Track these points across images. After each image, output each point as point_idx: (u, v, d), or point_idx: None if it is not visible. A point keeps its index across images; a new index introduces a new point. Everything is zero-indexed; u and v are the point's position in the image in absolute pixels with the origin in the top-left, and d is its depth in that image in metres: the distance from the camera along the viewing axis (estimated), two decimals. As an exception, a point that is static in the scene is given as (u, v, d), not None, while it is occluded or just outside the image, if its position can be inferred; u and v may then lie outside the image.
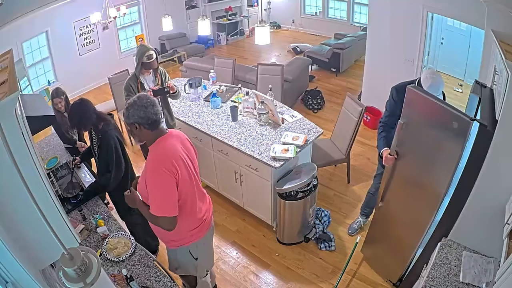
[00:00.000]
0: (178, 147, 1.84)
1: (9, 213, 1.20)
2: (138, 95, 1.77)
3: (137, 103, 1.72)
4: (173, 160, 1.74)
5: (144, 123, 1.73)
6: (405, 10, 4.09)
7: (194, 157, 2.00)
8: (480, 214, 1.93)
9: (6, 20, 3.55)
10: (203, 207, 2.06)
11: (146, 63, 3.05)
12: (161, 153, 1.78)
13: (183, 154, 1.84)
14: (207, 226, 2.11)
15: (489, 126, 1.78)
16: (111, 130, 2.43)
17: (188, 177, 1.85)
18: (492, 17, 2.46)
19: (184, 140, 1.96)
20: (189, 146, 1.97)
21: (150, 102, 1.74)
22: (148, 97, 1.76)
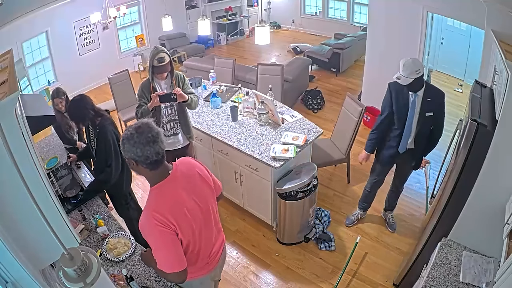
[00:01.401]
0: (181, 195, 1.57)
1: (9, 213, 1.20)
2: (138, 126, 1.43)
3: (134, 138, 1.40)
4: (169, 216, 1.48)
5: (141, 162, 1.45)
6: (405, 10, 4.09)
7: (207, 194, 1.71)
8: (480, 214, 1.93)
9: (6, 20, 3.55)
10: (213, 246, 1.82)
11: (156, 67, 2.65)
12: (155, 203, 1.51)
13: (185, 202, 1.58)
14: (212, 265, 1.85)
15: (489, 126, 1.78)
16: (108, 125, 2.47)
17: (191, 225, 1.60)
18: (492, 17, 2.47)
19: (192, 176, 1.66)
20: (198, 183, 1.68)
21: (151, 139, 1.42)
22: (150, 130, 1.43)
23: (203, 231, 1.69)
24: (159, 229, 1.46)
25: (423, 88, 2.56)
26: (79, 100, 2.46)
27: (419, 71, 2.44)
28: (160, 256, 1.54)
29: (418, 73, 2.44)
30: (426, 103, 2.59)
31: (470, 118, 1.84)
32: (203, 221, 1.68)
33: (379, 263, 2.99)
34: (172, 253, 1.52)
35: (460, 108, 5.14)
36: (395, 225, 3.34)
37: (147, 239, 1.53)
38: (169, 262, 1.53)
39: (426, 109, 2.60)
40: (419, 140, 2.80)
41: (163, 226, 1.47)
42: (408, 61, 2.48)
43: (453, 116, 4.98)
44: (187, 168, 1.66)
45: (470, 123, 1.83)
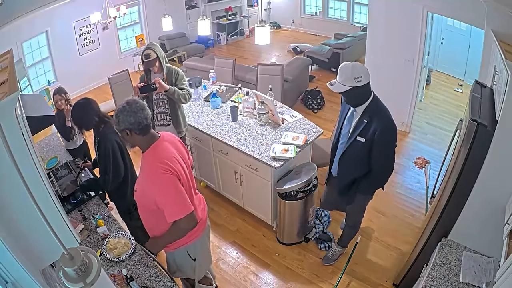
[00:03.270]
0: (172, 150, 1.84)
1: (9, 213, 1.20)
2: (127, 101, 1.74)
3: (126, 109, 1.70)
4: (168, 162, 1.74)
5: (134, 129, 1.72)
6: (405, 10, 4.09)
7: (187, 158, 2.00)
8: (480, 214, 1.94)
9: (6, 20, 3.55)
10: (198, 207, 2.04)
11: (144, 62, 2.89)
12: (156, 158, 1.76)
13: (177, 156, 1.84)
14: (203, 225, 2.10)
15: (489, 126, 1.78)
16: (110, 133, 2.39)
17: (184, 177, 1.85)
18: (492, 17, 2.47)
19: (176, 142, 1.96)
20: (181, 149, 1.98)
21: (140, 107, 1.72)
22: (137, 102, 1.74)
23: (191, 185, 1.96)
24: (167, 176, 1.70)
25: (365, 104, 2.11)
26: (84, 105, 2.39)
27: (360, 80, 1.99)
28: (172, 202, 1.72)
29: (358, 81, 1.99)
30: (361, 125, 2.13)
31: (470, 118, 1.84)
32: (187, 180, 1.90)
33: (379, 263, 2.99)
34: (180, 197, 1.73)
35: (460, 108, 5.15)
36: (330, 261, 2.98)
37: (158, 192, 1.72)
38: (181, 204, 1.73)
39: (358, 131, 2.15)
40: (343, 169, 2.38)
41: (169, 172, 1.71)
42: (347, 64, 2.04)
43: (453, 116, 5.00)
44: (170, 136, 1.96)
45: (470, 123, 1.83)
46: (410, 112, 4.66)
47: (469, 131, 1.84)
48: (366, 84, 2.02)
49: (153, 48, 2.85)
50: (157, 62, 2.88)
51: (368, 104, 2.11)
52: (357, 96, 2.08)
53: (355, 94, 2.05)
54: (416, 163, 4.20)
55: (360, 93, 2.04)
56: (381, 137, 2.08)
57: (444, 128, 4.81)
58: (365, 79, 2.01)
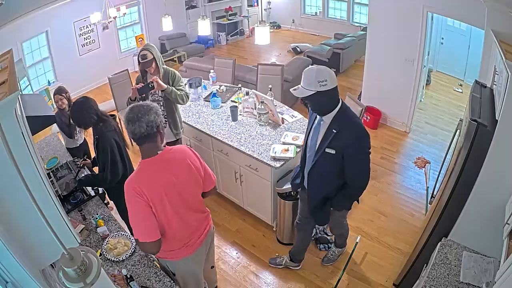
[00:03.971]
0: (161, 174, 1.67)
1: (9, 213, 1.20)
2: (131, 107, 1.64)
3: (127, 117, 1.62)
4: (143, 187, 1.61)
5: (134, 139, 1.64)
6: (405, 10, 4.09)
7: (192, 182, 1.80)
8: (480, 214, 1.94)
9: (6, 20, 3.54)
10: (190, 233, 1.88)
11: (140, 63, 2.87)
12: (136, 177, 1.67)
13: (165, 181, 1.68)
14: (189, 250, 1.91)
15: (489, 126, 1.78)
16: (109, 132, 2.40)
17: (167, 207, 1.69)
18: (492, 17, 2.46)
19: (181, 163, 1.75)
20: (185, 172, 1.76)
21: (136, 118, 1.59)
22: (139, 109, 1.61)
23: (182, 214, 1.80)
24: (135, 199, 1.61)
25: (333, 113, 1.94)
26: (82, 103, 2.40)
27: (325, 84, 1.81)
28: (134, 225, 1.67)
29: (323, 85, 1.81)
30: (330, 135, 1.96)
31: (470, 118, 1.84)
32: (182, 205, 1.78)
33: (379, 263, 2.99)
34: (144, 222, 1.65)
35: (460, 108, 5.15)
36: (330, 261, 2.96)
37: (128, 210, 1.66)
38: (141, 231, 1.65)
39: (327, 143, 1.98)
40: (313, 185, 2.20)
41: (139, 196, 1.60)
42: (312, 68, 1.88)
43: (453, 116, 5.00)
44: (179, 155, 1.79)
45: (470, 123, 1.83)
46: (410, 112, 4.66)
47: (469, 131, 1.84)
48: (332, 89, 1.84)
49: (149, 49, 2.84)
50: (154, 63, 2.85)
51: (337, 113, 1.94)
52: (323, 103, 1.92)
53: (320, 100, 1.89)
54: (416, 163, 4.20)
55: (325, 99, 1.88)
56: (354, 147, 1.93)
57: (444, 128, 4.81)
58: (331, 84, 1.83)
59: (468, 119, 1.85)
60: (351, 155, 1.96)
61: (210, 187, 1.97)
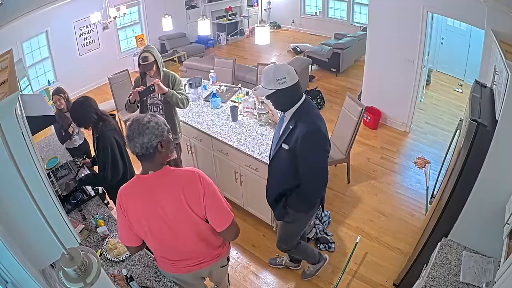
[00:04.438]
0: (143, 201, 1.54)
1: (9, 213, 1.20)
2: (130, 124, 1.51)
3: (126, 134, 1.52)
4: (123, 202, 1.58)
5: (135, 154, 1.54)
6: (405, 10, 4.09)
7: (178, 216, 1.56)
8: (480, 214, 1.94)
9: (6, 20, 3.54)
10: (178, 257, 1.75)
11: (140, 65, 2.80)
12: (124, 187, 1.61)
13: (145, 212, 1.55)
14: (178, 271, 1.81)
15: (489, 126, 1.78)
16: (109, 131, 2.42)
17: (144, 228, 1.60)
18: (492, 17, 2.46)
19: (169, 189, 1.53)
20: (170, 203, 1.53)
21: (132, 136, 1.48)
22: (134, 129, 1.47)
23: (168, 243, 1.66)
24: (118, 207, 1.63)
25: (293, 108, 1.92)
26: (82, 102, 2.41)
27: (284, 81, 1.80)
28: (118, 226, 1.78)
29: (282, 83, 1.80)
30: (287, 130, 1.95)
31: (470, 118, 1.84)
32: (171, 236, 1.61)
33: (379, 263, 2.99)
34: (123, 229, 1.66)
35: (460, 108, 5.15)
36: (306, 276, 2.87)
37: None
38: (120, 233, 1.71)
39: (284, 138, 1.96)
40: (271, 179, 2.20)
41: (119, 206, 1.61)
42: (270, 66, 1.86)
43: (453, 116, 5.00)
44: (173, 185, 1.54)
45: (470, 123, 1.83)
46: (410, 112, 4.66)
47: (469, 131, 1.84)
48: (291, 86, 1.82)
49: (151, 51, 2.78)
50: (155, 65, 2.80)
51: (297, 109, 1.91)
52: (283, 100, 1.90)
53: (280, 98, 1.87)
54: (416, 163, 4.20)
55: (285, 96, 1.86)
56: (303, 144, 1.86)
57: (444, 128, 4.81)
58: (290, 81, 1.81)
59: (468, 119, 1.85)
60: (301, 152, 1.90)
61: (222, 227, 1.63)
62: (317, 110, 1.99)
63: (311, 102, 1.99)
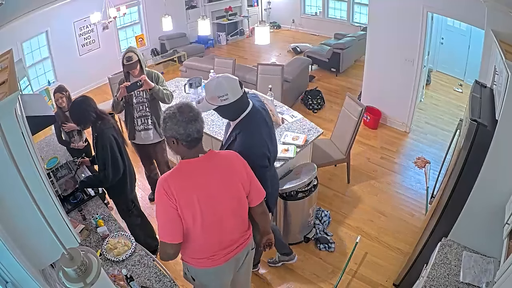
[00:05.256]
0: (197, 181, 1.58)
1: (9, 213, 1.20)
2: (179, 106, 1.52)
3: (177, 117, 1.50)
4: (174, 191, 1.53)
5: (182, 140, 1.53)
6: (405, 10, 4.10)
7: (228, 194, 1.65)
8: (480, 214, 1.94)
9: (6, 20, 3.55)
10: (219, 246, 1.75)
11: (125, 65, 2.87)
12: (170, 176, 1.58)
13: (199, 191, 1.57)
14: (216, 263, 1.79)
15: (489, 126, 1.78)
16: (108, 129, 2.43)
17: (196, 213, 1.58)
18: (492, 17, 2.47)
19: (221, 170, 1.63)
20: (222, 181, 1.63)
21: (193, 117, 1.51)
22: (191, 109, 1.53)
23: (212, 228, 1.66)
24: (163, 197, 1.54)
25: (238, 119, 1.94)
26: (81, 102, 2.42)
27: (226, 98, 1.79)
28: (158, 221, 1.61)
29: (224, 99, 1.79)
30: (230, 139, 1.99)
31: (470, 118, 1.84)
32: (216, 218, 1.65)
33: (379, 263, 2.99)
34: (167, 222, 1.58)
35: (460, 108, 5.15)
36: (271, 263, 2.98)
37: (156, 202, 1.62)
38: (162, 229, 1.60)
39: (227, 145, 2.01)
40: None
41: (166, 195, 1.53)
42: (212, 81, 1.83)
43: (453, 116, 5.00)
44: (224, 161, 1.67)
45: (470, 123, 1.83)
46: (410, 112, 4.66)
47: (469, 131, 1.84)
48: (234, 102, 1.82)
49: (134, 51, 2.91)
50: (138, 65, 2.90)
51: (241, 120, 1.92)
52: (227, 113, 1.92)
53: (224, 111, 1.89)
54: (416, 163, 4.20)
55: (229, 110, 1.87)
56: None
57: (444, 128, 4.81)
58: (233, 97, 1.80)
59: (468, 119, 1.85)
60: None
61: (257, 202, 1.78)
62: (258, 123, 1.96)
63: (257, 113, 1.97)
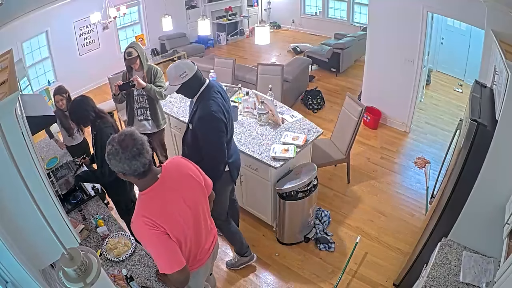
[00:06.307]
0: (170, 198, 1.58)
1: (9, 213, 1.20)
2: (121, 140, 1.43)
3: (119, 154, 1.41)
4: (157, 220, 1.49)
5: (129, 174, 1.47)
6: (405, 10, 4.09)
7: (198, 194, 1.72)
8: (480, 214, 1.94)
9: (6, 20, 3.55)
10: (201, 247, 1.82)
11: (125, 60, 3.11)
12: (145, 209, 1.52)
13: (176, 206, 1.59)
14: (202, 261, 1.86)
15: (489, 126, 1.78)
16: (106, 127, 2.45)
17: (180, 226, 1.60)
18: (492, 17, 2.47)
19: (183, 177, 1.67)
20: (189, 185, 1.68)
21: (137, 151, 1.41)
22: (134, 143, 1.42)
23: (193, 230, 1.70)
24: (152, 231, 1.48)
25: (197, 94, 2.22)
26: (80, 101, 2.45)
27: (185, 74, 2.11)
28: (158, 259, 1.56)
29: (184, 76, 2.11)
30: (192, 112, 2.26)
31: (470, 118, 1.84)
32: (193, 221, 1.68)
33: (379, 263, 2.99)
34: (168, 252, 1.54)
35: (460, 108, 5.15)
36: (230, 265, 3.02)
37: (144, 244, 1.59)
38: (168, 262, 1.54)
39: (190, 118, 2.30)
40: (183, 152, 2.48)
41: (154, 228, 1.48)
42: (170, 66, 2.16)
43: (453, 116, 5.00)
44: (178, 169, 1.68)
45: (470, 123, 1.83)
46: (410, 112, 4.66)
47: (469, 131, 1.84)
48: (193, 76, 2.14)
49: (134, 47, 3.10)
50: (138, 60, 3.11)
51: (200, 94, 2.22)
52: (189, 89, 2.20)
53: (187, 89, 2.18)
54: (416, 163, 4.20)
55: (190, 86, 2.17)
56: (199, 125, 2.20)
57: (444, 128, 4.81)
58: (191, 72, 2.13)
59: (468, 119, 1.85)
60: (199, 132, 2.22)
61: (210, 190, 1.87)
62: (215, 95, 2.23)
63: (213, 87, 2.27)
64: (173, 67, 2.14)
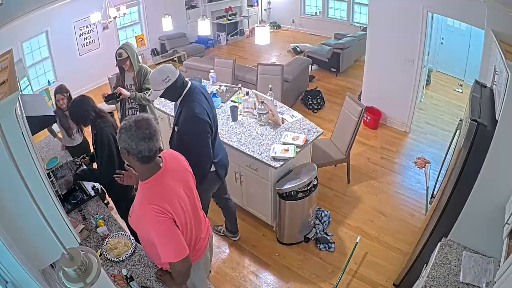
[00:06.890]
0: (172, 184, 1.63)
1: (9, 213, 1.20)
2: (138, 120, 1.48)
3: (132, 130, 1.45)
4: (163, 204, 1.52)
5: (133, 154, 1.49)
6: (405, 10, 4.09)
7: (192, 184, 1.80)
8: (480, 214, 1.94)
9: (6, 20, 3.55)
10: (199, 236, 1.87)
11: (116, 60, 3.19)
12: (152, 197, 1.55)
13: (177, 191, 1.64)
14: (201, 251, 1.90)
15: (489, 126, 1.78)
16: (106, 127, 2.45)
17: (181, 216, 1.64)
18: (492, 17, 2.47)
19: (180, 168, 1.74)
20: (185, 175, 1.76)
21: (148, 135, 1.46)
22: (148, 127, 1.47)
23: (192, 219, 1.76)
24: (160, 219, 1.50)
25: (181, 97, 2.27)
26: (80, 101, 2.45)
27: (168, 79, 2.13)
28: (165, 247, 1.55)
29: (167, 81, 2.13)
30: (177, 115, 2.31)
31: (470, 118, 1.84)
32: (191, 209, 1.75)
33: (379, 263, 2.99)
34: (175, 239, 1.56)
35: (460, 108, 5.15)
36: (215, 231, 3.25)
37: (148, 234, 1.57)
38: (174, 249, 1.56)
39: (175, 120, 2.35)
40: None
41: (162, 215, 1.50)
42: (154, 71, 2.21)
43: (453, 116, 5.00)
44: (175, 160, 1.75)
45: (470, 123, 1.83)
46: (410, 112, 4.66)
47: (469, 131, 1.84)
48: (175, 80, 2.16)
49: (125, 48, 3.18)
50: (128, 61, 3.19)
51: (183, 96, 2.25)
52: (173, 93, 2.23)
53: (170, 93, 2.21)
54: (416, 163, 4.20)
55: (173, 90, 2.19)
56: (183, 126, 2.26)
57: (444, 128, 4.81)
58: (173, 76, 2.15)
59: (468, 119, 1.85)
60: (184, 133, 2.28)
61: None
62: (198, 97, 2.27)
63: (196, 89, 2.29)
64: (156, 72, 2.16)
